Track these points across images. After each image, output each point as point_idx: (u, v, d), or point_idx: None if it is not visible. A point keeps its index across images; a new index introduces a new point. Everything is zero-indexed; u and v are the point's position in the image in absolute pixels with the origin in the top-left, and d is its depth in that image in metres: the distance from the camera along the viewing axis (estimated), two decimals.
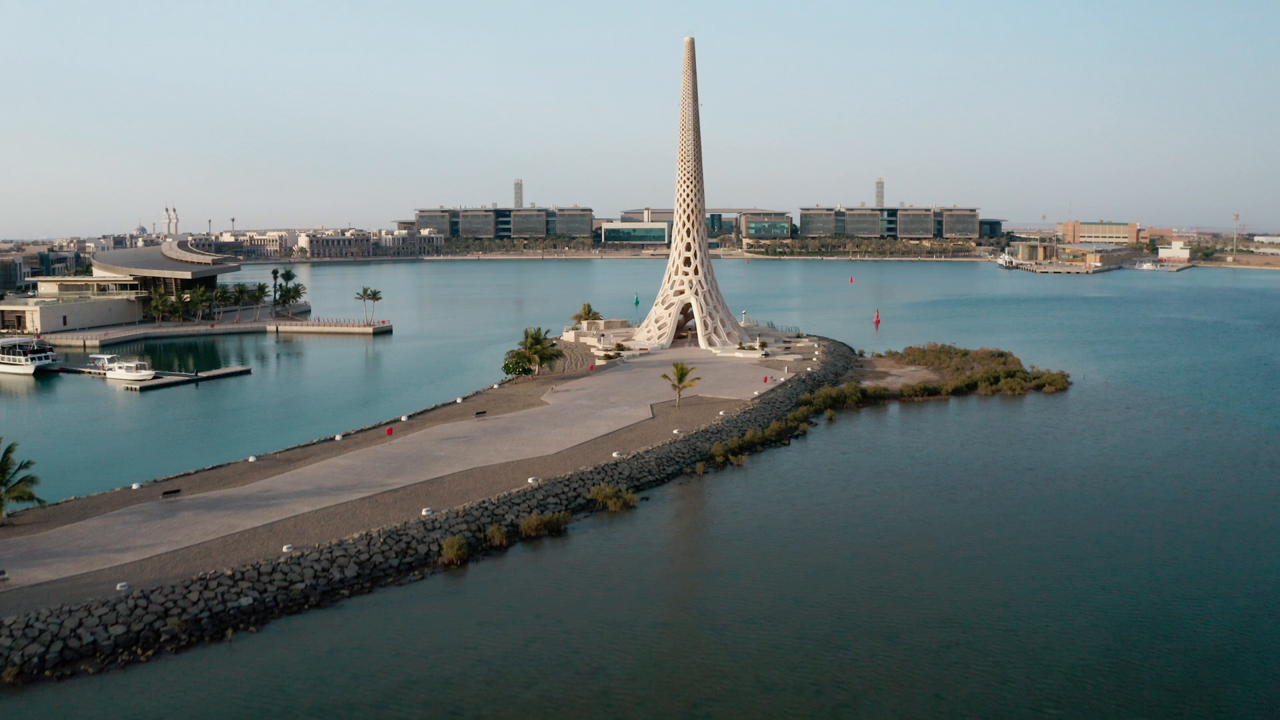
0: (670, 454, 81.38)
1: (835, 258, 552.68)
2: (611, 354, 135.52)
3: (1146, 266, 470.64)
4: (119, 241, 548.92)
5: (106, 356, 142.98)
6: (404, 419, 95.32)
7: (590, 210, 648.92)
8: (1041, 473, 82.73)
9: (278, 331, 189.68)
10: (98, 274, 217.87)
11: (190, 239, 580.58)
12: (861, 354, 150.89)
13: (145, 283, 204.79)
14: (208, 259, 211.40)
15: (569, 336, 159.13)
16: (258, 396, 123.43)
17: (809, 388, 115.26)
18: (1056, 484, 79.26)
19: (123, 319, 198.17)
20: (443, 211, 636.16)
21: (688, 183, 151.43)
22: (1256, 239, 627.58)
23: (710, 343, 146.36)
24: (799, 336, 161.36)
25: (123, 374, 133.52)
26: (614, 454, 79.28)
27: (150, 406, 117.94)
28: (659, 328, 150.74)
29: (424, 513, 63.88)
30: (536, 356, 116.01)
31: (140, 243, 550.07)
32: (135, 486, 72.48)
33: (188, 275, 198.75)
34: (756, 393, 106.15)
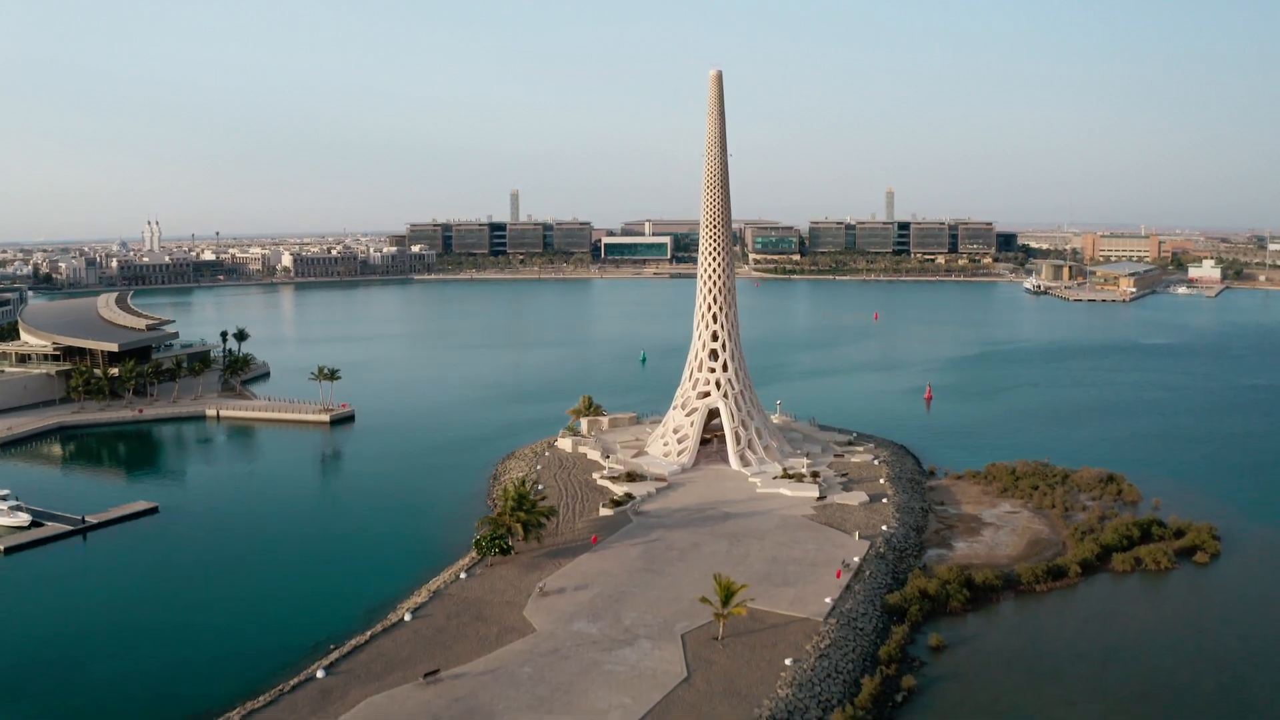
0: None
1: (847, 277, 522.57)
2: (619, 493, 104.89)
3: (1182, 290, 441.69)
4: (91, 264, 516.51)
5: None
6: (319, 674, 64.78)
7: (589, 223, 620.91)
8: None
9: (219, 416, 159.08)
10: (24, 337, 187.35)
11: (169, 258, 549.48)
12: (933, 473, 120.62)
13: (69, 352, 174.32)
14: (141, 324, 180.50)
15: (565, 444, 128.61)
16: (152, 566, 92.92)
17: (891, 568, 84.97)
18: None
19: (40, 397, 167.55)
20: (435, 225, 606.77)
21: (715, 253, 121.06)
22: (1272, 248, 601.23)
23: (744, 461, 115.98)
24: (851, 442, 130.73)
25: None
26: None
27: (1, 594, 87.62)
28: (679, 441, 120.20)
29: None
30: (519, 526, 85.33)
31: (114, 264, 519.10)
32: None
33: (113, 348, 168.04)
34: (829, 599, 75.68)
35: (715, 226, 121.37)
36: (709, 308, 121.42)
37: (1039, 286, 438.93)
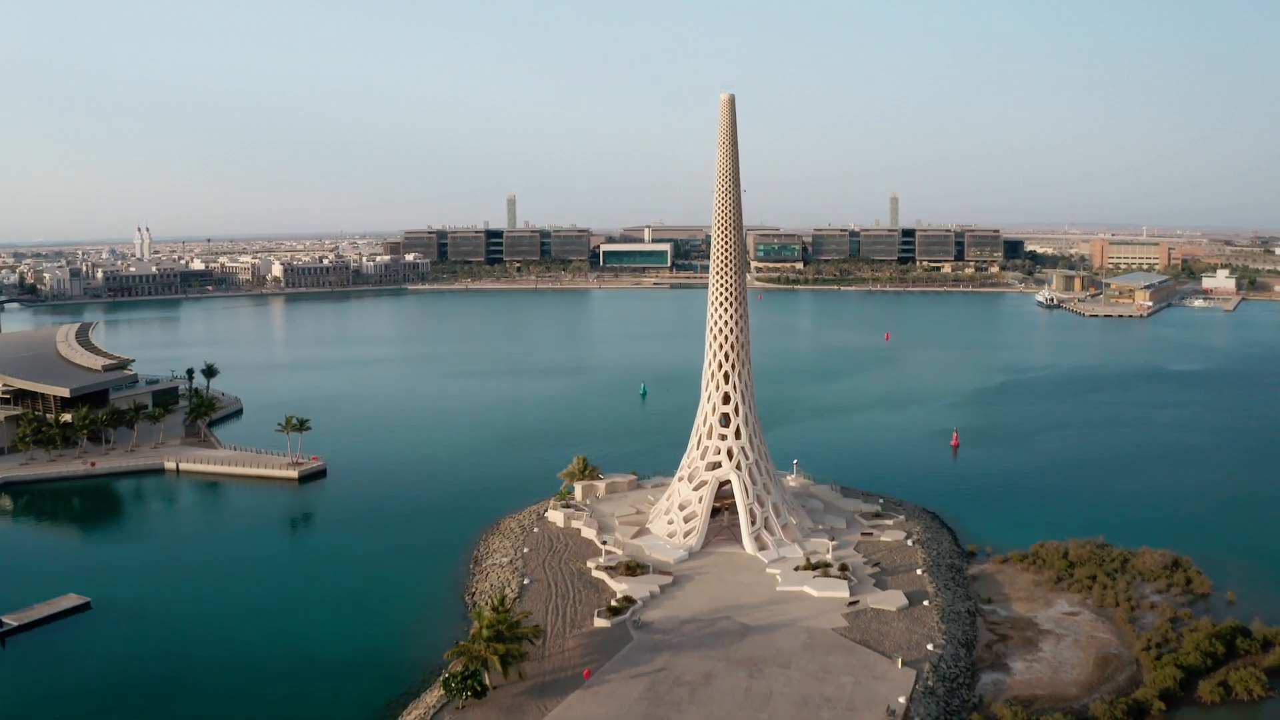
0: None
1: (852, 287, 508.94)
2: (617, 592, 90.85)
3: (1198, 303, 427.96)
4: (76, 274, 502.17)
5: None
6: None
7: (588, 230, 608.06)
8: None
9: (179, 469, 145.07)
10: None
11: (156, 268, 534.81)
12: (973, 554, 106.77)
13: (19, 395, 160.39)
14: (98, 363, 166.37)
15: (557, 517, 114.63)
16: (70, 686, 78.97)
17: (943, 707, 71.03)
18: None
19: None
20: (430, 232, 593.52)
21: (727, 303, 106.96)
22: (1279, 253, 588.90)
23: (760, 544, 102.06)
24: (879, 513, 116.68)
25: None
26: None
27: None
28: (685, 520, 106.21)
29: None
30: (496, 658, 71.26)
31: (100, 274, 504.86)
32: None
33: (65, 393, 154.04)
34: None
35: (727, 273, 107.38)
36: (719, 365, 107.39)
37: (1051, 299, 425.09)
